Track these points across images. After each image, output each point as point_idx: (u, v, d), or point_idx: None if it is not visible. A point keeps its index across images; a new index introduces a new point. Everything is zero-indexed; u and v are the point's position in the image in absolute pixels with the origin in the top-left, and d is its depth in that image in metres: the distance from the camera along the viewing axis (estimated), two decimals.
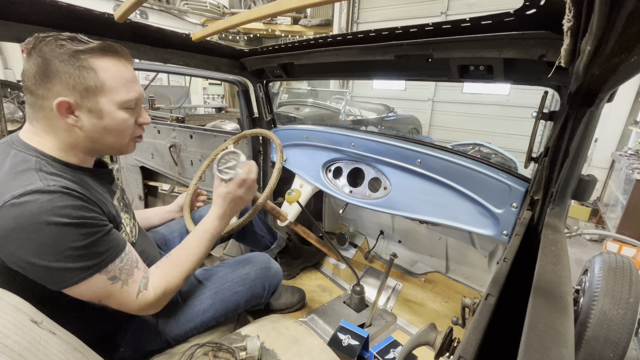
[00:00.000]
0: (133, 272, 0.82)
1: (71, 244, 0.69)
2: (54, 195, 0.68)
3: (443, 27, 0.93)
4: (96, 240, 0.73)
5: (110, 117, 0.78)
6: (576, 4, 0.43)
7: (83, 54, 0.72)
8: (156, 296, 0.85)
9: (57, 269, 0.69)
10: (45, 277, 0.70)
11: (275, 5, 0.64)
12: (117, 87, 0.77)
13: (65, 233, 0.68)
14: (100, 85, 0.74)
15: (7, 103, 3.77)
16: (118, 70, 0.77)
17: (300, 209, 1.57)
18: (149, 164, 2.46)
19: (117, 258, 0.77)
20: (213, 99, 8.12)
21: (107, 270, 0.75)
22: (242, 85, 1.87)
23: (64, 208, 0.68)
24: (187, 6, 6.89)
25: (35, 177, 0.69)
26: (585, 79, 0.57)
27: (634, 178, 3.08)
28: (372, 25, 5.82)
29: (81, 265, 0.71)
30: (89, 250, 0.72)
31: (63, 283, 0.71)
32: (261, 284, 1.12)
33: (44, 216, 0.66)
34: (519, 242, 0.76)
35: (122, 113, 0.79)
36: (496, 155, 3.46)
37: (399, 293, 1.73)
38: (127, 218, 0.96)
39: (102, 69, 0.74)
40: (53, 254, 0.68)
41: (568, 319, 0.44)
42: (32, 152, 0.74)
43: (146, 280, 0.85)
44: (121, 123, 0.80)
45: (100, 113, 0.76)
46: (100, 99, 0.75)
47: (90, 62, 0.73)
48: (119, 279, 0.78)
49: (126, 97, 0.79)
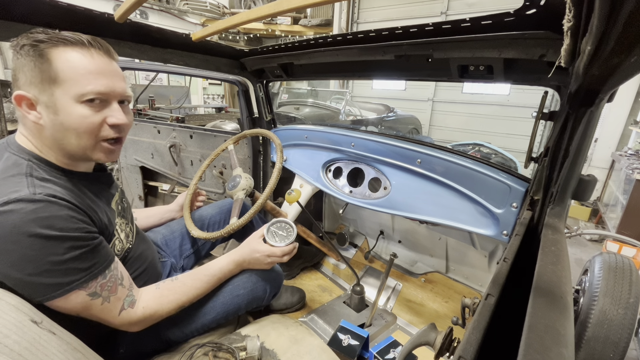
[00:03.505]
0: (117, 289, 0.78)
1: (51, 257, 0.65)
2: (38, 205, 0.64)
3: (443, 27, 0.93)
4: (79, 256, 0.69)
5: (65, 111, 0.70)
6: (576, 4, 0.43)
7: (42, 44, 0.67)
8: (144, 316, 0.83)
9: (33, 283, 0.65)
10: (23, 289, 0.66)
11: (275, 5, 0.64)
12: (73, 78, 0.69)
13: (47, 246, 0.65)
14: (54, 75, 0.68)
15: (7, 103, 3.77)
16: (79, 61, 0.70)
17: (300, 209, 1.57)
18: (149, 164, 2.46)
19: (100, 275, 0.73)
20: (213, 99, 8.12)
21: (88, 286, 0.71)
22: (242, 85, 1.87)
23: (48, 219, 0.64)
24: (187, 6, 6.89)
25: (23, 184, 0.66)
26: (585, 79, 0.57)
27: (634, 178, 3.08)
28: (372, 25, 5.82)
29: (59, 281, 0.67)
30: (70, 266, 0.68)
31: (40, 297, 0.67)
32: (262, 287, 1.11)
33: (26, 227, 0.62)
34: (519, 242, 0.76)
35: (79, 108, 0.71)
36: (496, 155, 3.46)
37: (399, 293, 1.73)
38: (122, 223, 0.93)
39: (59, 59, 0.68)
40: (31, 267, 0.64)
41: (568, 319, 0.44)
42: (25, 155, 0.72)
43: (131, 299, 0.82)
44: (78, 120, 0.71)
45: (55, 107, 0.69)
46: (55, 91, 0.69)
47: (47, 52, 0.68)
48: (99, 296, 0.74)
49: (84, 90, 0.70)
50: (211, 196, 2.19)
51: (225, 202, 1.49)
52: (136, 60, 1.39)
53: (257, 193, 1.43)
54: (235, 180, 1.40)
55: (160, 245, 1.25)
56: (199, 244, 1.37)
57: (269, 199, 1.35)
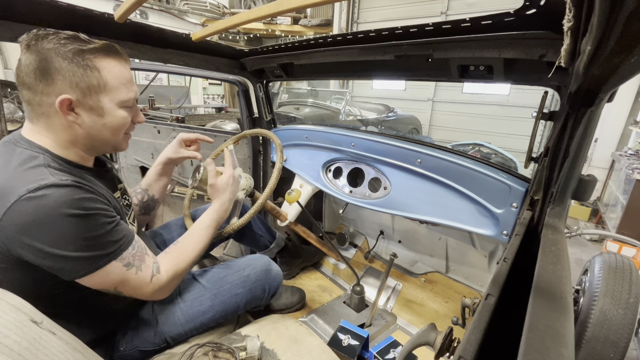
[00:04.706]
0: (144, 258, 0.86)
1: (88, 233, 0.73)
2: (69, 189, 0.71)
3: (443, 27, 0.93)
4: (111, 230, 0.77)
5: (111, 115, 0.81)
6: (576, 4, 0.43)
7: (88, 53, 0.75)
8: (168, 278, 0.91)
9: (75, 258, 0.72)
10: (63, 267, 0.73)
11: (275, 5, 0.64)
12: (118, 87, 0.80)
13: (83, 224, 0.72)
14: (103, 84, 0.78)
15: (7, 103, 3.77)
16: (120, 71, 0.81)
17: (300, 209, 1.57)
18: (149, 164, 2.46)
19: (129, 246, 0.82)
20: (213, 99, 8.12)
21: (122, 257, 0.80)
22: (242, 85, 1.87)
23: (80, 201, 0.72)
24: (187, 6, 6.89)
25: (46, 172, 0.72)
26: (585, 79, 0.57)
27: (634, 178, 3.08)
28: (372, 25, 5.82)
29: (99, 253, 0.75)
30: (105, 240, 0.76)
31: (81, 272, 0.74)
32: (261, 286, 1.12)
33: (62, 208, 0.69)
34: (519, 242, 0.76)
35: (122, 112, 0.83)
36: (496, 155, 3.46)
37: (399, 293, 1.73)
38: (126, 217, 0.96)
39: (105, 68, 0.77)
40: (72, 244, 0.71)
41: (568, 319, 0.44)
42: (38, 149, 0.77)
43: (157, 265, 0.90)
44: (121, 121, 0.84)
45: (101, 111, 0.80)
46: (102, 98, 0.79)
47: (95, 62, 0.76)
48: (133, 265, 0.82)
49: (126, 97, 0.82)
50: None
51: None
52: (136, 60, 1.39)
53: (257, 193, 1.43)
54: None
55: (159, 246, 1.25)
56: None
57: (269, 199, 1.35)
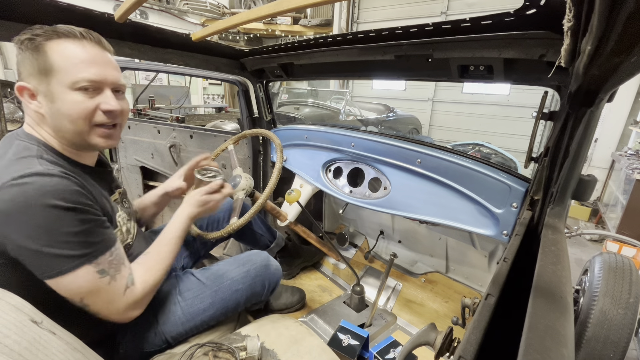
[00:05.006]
0: (120, 268, 0.80)
1: (65, 228, 0.68)
2: (54, 179, 0.68)
3: (443, 27, 0.93)
4: (90, 229, 0.72)
5: (60, 99, 0.75)
6: (576, 4, 0.43)
7: (38, 37, 0.72)
8: (144, 290, 0.84)
9: (47, 254, 0.67)
10: (34, 263, 0.68)
11: (275, 5, 0.64)
12: (66, 68, 0.74)
13: (61, 217, 0.68)
14: (49, 66, 0.73)
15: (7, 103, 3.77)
16: (71, 51, 0.74)
17: (300, 209, 1.57)
18: (149, 164, 2.46)
19: (107, 251, 0.76)
20: (213, 99, 8.12)
21: (97, 262, 0.74)
22: (242, 85, 1.87)
23: (63, 192, 0.68)
24: (187, 6, 6.88)
25: (35, 162, 0.70)
26: (585, 79, 0.57)
27: (634, 178, 3.08)
28: (372, 25, 5.82)
29: (72, 253, 0.70)
30: (82, 239, 0.71)
31: (50, 271, 0.69)
32: (261, 281, 1.13)
33: (42, 198, 0.66)
34: (519, 242, 0.76)
35: (73, 95, 0.75)
36: (496, 155, 3.46)
37: (399, 293, 1.73)
38: (124, 218, 0.95)
39: (54, 50, 0.73)
40: (46, 238, 0.67)
41: (568, 319, 0.44)
42: (34, 141, 0.77)
43: (132, 277, 0.83)
44: (72, 106, 0.75)
45: (52, 96, 0.75)
46: (51, 81, 0.74)
47: (44, 45, 0.73)
48: (107, 274, 0.76)
49: (76, 77, 0.74)
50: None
51: (225, 202, 1.49)
52: (136, 60, 1.39)
53: (257, 193, 1.43)
54: (235, 180, 1.40)
55: None
56: (198, 244, 1.37)
57: (269, 199, 1.35)
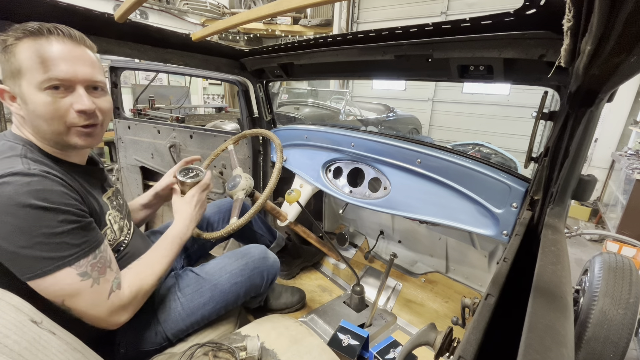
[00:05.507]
0: (105, 271, 0.77)
1: (44, 229, 0.66)
2: (33, 178, 0.67)
3: (443, 27, 0.93)
4: (71, 231, 0.70)
5: (32, 101, 0.72)
6: (576, 4, 0.43)
7: (10, 39, 0.71)
8: (131, 295, 0.81)
9: (24, 256, 0.66)
10: (13, 265, 0.67)
11: (275, 5, 0.64)
12: (32, 68, 0.71)
13: (40, 217, 0.66)
14: (18, 67, 0.71)
15: None
16: (37, 50, 0.71)
17: (300, 209, 1.57)
18: (149, 164, 2.46)
19: (90, 254, 0.73)
20: (213, 99, 8.11)
21: (79, 264, 0.71)
22: (242, 85, 1.87)
23: (42, 191, 0.67)
24: (187, 6, 6.88)
25: (17, 162, 0.69)
26: (585, 79, 0.57)
27: (634, 178, 3.08)
28: (372, 25, 5.82)
29: (51, 255, 0.67)
30: (62, 240, 0.69)
31: (29, 273, 0.67)
32: (259, 273, 1.14)
33: (20, 198, 0.64)
34: (519, 242, 0.76)
35: (41, 96, 0.72)
36: (496, 155, 3.46)
37: (399, 293, 1.73)
38: (117, 216, 0.94)
39: (21, 50, 0.70)
40: (24, 239, 0.65)
41: (568, 319, 0.44)
42: (20, 141, 0.76)
43: (118, 281, 0.80)
44: (42, 107, 0.72)
45: (24, 98, 0.72)
46: (22, 83, 0.72)
47: (12, 46, 0.71)
48: (89, 277, 0.73)
49: (42, 77, 0.71)
50: (211, 196, 2.19)
51: (225, 202, 1.49)
52: (136, 60, 1.39)
53: (257, 193, 1.43)
54: (235, 180, 1.40)
55: None
56: (198, 244, 1.37)
57: (269, 199, 1.35)
